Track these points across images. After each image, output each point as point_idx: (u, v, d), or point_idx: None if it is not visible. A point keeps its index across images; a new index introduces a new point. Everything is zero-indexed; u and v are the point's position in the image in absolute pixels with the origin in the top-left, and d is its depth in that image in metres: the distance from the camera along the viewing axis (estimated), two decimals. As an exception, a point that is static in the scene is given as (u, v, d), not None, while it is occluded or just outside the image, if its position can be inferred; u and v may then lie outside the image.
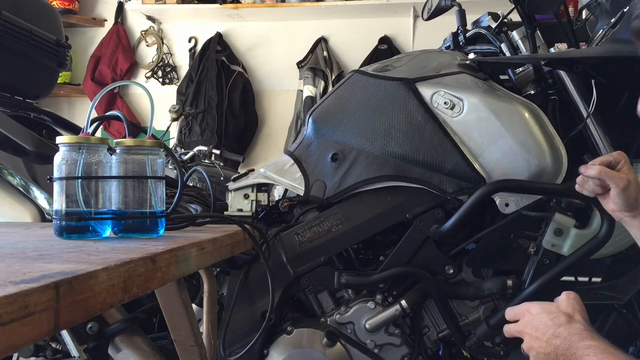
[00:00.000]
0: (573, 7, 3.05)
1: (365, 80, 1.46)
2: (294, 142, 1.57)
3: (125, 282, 0.65)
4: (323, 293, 1.46)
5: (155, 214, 0.93)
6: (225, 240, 1.03)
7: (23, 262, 0.64)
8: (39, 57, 1.55)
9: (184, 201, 1.30)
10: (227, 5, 3.83)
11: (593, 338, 0.81)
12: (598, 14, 1.49)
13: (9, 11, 1.41)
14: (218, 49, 3.95)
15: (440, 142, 1.32)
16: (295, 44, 3.97)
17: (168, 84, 4.09)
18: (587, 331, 0.83)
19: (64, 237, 0.87)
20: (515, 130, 1.28)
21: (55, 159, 0.88)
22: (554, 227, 1.29)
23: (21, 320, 0.47)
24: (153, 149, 0.94)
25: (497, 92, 1.34)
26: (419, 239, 1.38)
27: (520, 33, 1.46)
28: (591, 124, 1.37)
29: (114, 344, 1.32)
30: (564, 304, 0.89)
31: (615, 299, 1.44)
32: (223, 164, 2.53)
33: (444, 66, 1.43)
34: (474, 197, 1.25)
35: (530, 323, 0.91)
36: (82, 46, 4.17)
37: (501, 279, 1.34)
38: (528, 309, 0.93)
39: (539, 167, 1.27)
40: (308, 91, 3.74)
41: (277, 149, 3.91)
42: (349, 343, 1.40)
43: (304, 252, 1.41)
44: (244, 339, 1.39)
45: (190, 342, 1.13)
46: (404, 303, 1.38)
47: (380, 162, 1.37)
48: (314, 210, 1.46)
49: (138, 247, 0.79)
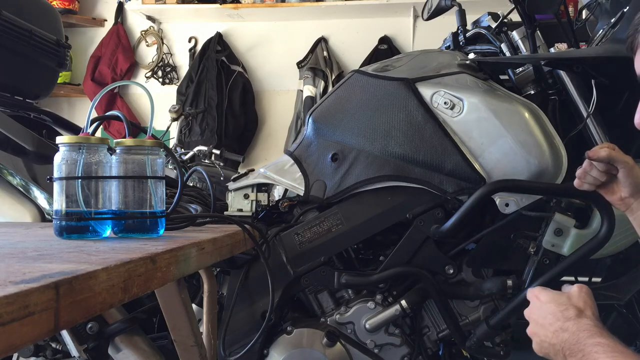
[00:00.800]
0: (573, 7, 3.05)
1: (365, 80, 1.46)
2: (294, 142, 1.57)
3: (125, 282, 0.65)
4: (323, 293, 1.46)
5: (155, 214, 0.93)
6: (225, 240, 1.03)
7: (23, 262, 0.64)
8: (39, 57, 1.55)
9: (184, 201, 1.30)
10: (227, 5, 3.83)
11: (602, 335, 0.79)
12: (598, 14, 1.49)
13: (9, 11, 1.41)
14: (218, 49, 3.95)
15: (440, 142, 1.32)
16: (295, 44, 3.97)
17: (168, 84, 4.09)
18: (597, 328, 0.81)
19: (64, 237, 0.87)
20: (515, 130, 1.28)
21: (55, 159, 0.88)
22: (554, 227, 1.29)
23: (21, 320, 0.47)
24: (153, 149, 0.94)
25: (497, 92, 1.34)
26: (419, 239, 1.38)
27: (520, 33, 1.46)
28: (591, 124, 1.37)
29: (114, 344, 1.32)
30: (575, 297, 0.87)
31: (615, 299, 1.44)
32: (223, 164, 2.53)
33: (444, 66, 1.43)
34: (474, 197, 1.25)
35: (538, 310, 0.89)
36: (82, 46, 4.17)
37: (501, 279, 1.34)
38: (537, 295, 0.91)
39: (539, 167, 1.27)
40: (308, 91, 3.74)
41: (277, 149, 3.90)
42: (349, 343, 1.40)
43: (304, 252, 1.41)
44: (244, 339, 1.39)
45: (190, 342, 1.13)
46: (404, 303, 1.38)
47: (380, 162, 1.37)
48: (314, 210, 1.46)
49: (138, 247, 0.79)
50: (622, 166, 1.04)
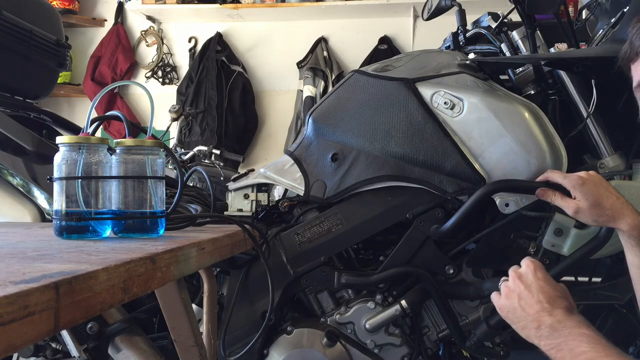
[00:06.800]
0: (573, 7, 3.05)
1: (365, 80, 1.46)
2: (294, 142, 1.57)
3: (125, 282, 0.65)
4: (323, 293, 1.46)
5: (155, 214, 0.93)
6: (225, 240, 1.03)
7: (23, 262, 0.64)
8: (39, 57, 1.55)
9: (184, 201, 1.30)
10: (227, 5, 3.83)
11: (590, 329, 0.83)
12: (598, 14, 1.49)
13: (9, 11, 1.41)
14: (218, 49, 3.95)
15: (440, 142, 1.32)
16: (295, 44, 3.97)
17: (168, 84, 4.09)
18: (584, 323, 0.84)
19: (64, 237, 0.87)
20: (515, 130, 1.28)
21: (55, 159, 0.88)
22: (554, 227, 1.29)
23: (21, 320, 0.47)
24: (153, 149, 0.94)
25: (497, 92, 1.34)
26: (419, 239, 1.38)
27: (520, 33, 1.46)
28: (591, 124, 1.37)
29: (114, 344, 1.32)
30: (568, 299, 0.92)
31: (615, 299, 1.44)
32: (223, 164, 2.53)
33: (444, 66, 1.43)
34: (474, 197, 1.25)
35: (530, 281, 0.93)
36: (82, 46, 4.17)
37: (501, 279, 1.34)
38: (534, 270, 0.95)
39: (539, 167, 1.27)
40: (308, 91, 3.75)
41: (277, 149, 3.90)
42: (349, 343, 1.40)
43: (304, 252, 1.41)
44: (244, 339, 1.39)
45: (190, 342, 1.13)
46: (404, 303, 1.38)
47: (380, 162, 1.37)
48: (314, 210, 1.46)
49: (138, 247, 0.79)
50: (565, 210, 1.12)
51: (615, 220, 1.04)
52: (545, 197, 1.15)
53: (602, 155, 1.37)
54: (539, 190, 1.17)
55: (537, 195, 1.17)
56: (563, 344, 0.82)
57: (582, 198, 1.07)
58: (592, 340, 0.79)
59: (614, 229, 1.07)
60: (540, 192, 1.16)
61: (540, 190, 1.16)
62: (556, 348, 0.82)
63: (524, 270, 0.96)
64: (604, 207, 1.05)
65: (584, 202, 1.07)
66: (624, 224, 1.03)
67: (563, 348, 0.81)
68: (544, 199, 1.16)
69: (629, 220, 1.03)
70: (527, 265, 0.96)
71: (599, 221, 1.08)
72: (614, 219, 1.05)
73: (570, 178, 1.10)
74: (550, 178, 1.16)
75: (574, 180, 1.09)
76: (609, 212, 1.05)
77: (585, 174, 1.10)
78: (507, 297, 0.96)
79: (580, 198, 1.08)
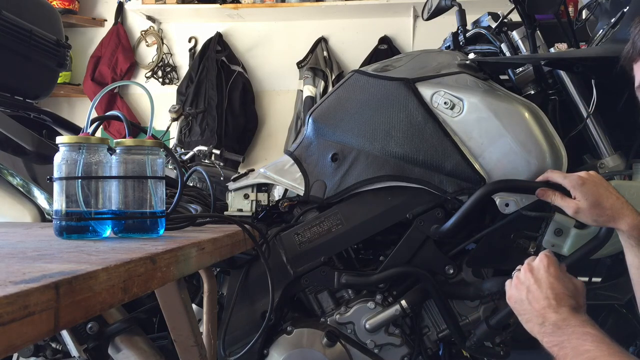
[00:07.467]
0: (573, 7, 3.05)
1: (365, 80, 1.46)
2: (294, 142, 1.57)
3: (125, 282, 0.65)
4: (323, 293, 1.46)
5: (155, 214, 0.93)
6: (225, 240, 1.03)
7: (23, 262, 0.64)
8: (39, 57, 1.55)
9: (184, 201, 1.30)
10: (227, 5, 3.83)
11: (595, 328, 0.83)
12: (598, 14, 1.49)
13: (9, 11, 1.41)
14: (218, 49, 3.95)
15: (440, 142, 1.32)
16: (295, 44, 3.97)
17: (168, 84, 4.09)
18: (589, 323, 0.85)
19: (64, 237, 0.87)
20: (515, 130, 1.28)
21: (55, 159, 0.88)
22: (554, 227, 1.29)
23: (21, 320, 0.47)
24: (153, 149, 0.94)
25: (497, 92, 1.34)
26: (419, 239, 1.38)
27: (520, 33, 1.46)
28: (591, 124, 1.37)
29: (114, 344, 1.32)
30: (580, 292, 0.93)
31: (615, 299, 1.44)
32: (223, 164, 2.53)
33: (444, 66, 1.43)
34: (474, 197, 1.25)
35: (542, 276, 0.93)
36: (82, 46, 4.17)
37: (501, 279, 1.34)
38: (547, 265, 0.95)
39: (539, 167, 1.27)
40: (308, 91, 3.75)
41: (277, 149, 3.90)
42: (349, 343, 1.40)
43: (304, 252, 1.41)
44: (244, 339, 1.39)
45: (190, 342, 1.13)
46: (404, 303, 1.38)
47: (380, 162, 1.37)
48: (314, 210, 1.46)
49: (138, 247, 0.79)
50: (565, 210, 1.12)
51: (615, 220, 1.04)
52: (545, 197, 1.15)
53: (602, 155, 1.37)
54: (539, 190, 1.17)
55: (537, 195, 1.17)
56: (566, 342, 0.82)
57: (582, 198, 1.07)
58: (597, 340, 0.79)
59: (614, 229, 1.08)
60: (540, 192, 1.16)
61: (540, 190, 1.16)
62: (559, 345, 0.82)
63: (537, 264, 0.96)
64: (603, 207, 1.05)
65: (584, 202, 1.07)
66: (624, 224, 1.03)
67: (566, 346, 0.81)
68: (544, 199, 1.16)
69: (629, 221, 1.03)
70: (541, 260, 0.97)
71: (599, 221, 1.08)
72: (613, 219, 1.05)
73: (570, 178, 1.10)
74: (550, 178, 1.16)
75: (574, 180, 1.09)
76: (609, 212, 1.05)
77: (585, 174, 1.10)
78: (516, 288, 0.96)
79: (580, 198, 1.08)
